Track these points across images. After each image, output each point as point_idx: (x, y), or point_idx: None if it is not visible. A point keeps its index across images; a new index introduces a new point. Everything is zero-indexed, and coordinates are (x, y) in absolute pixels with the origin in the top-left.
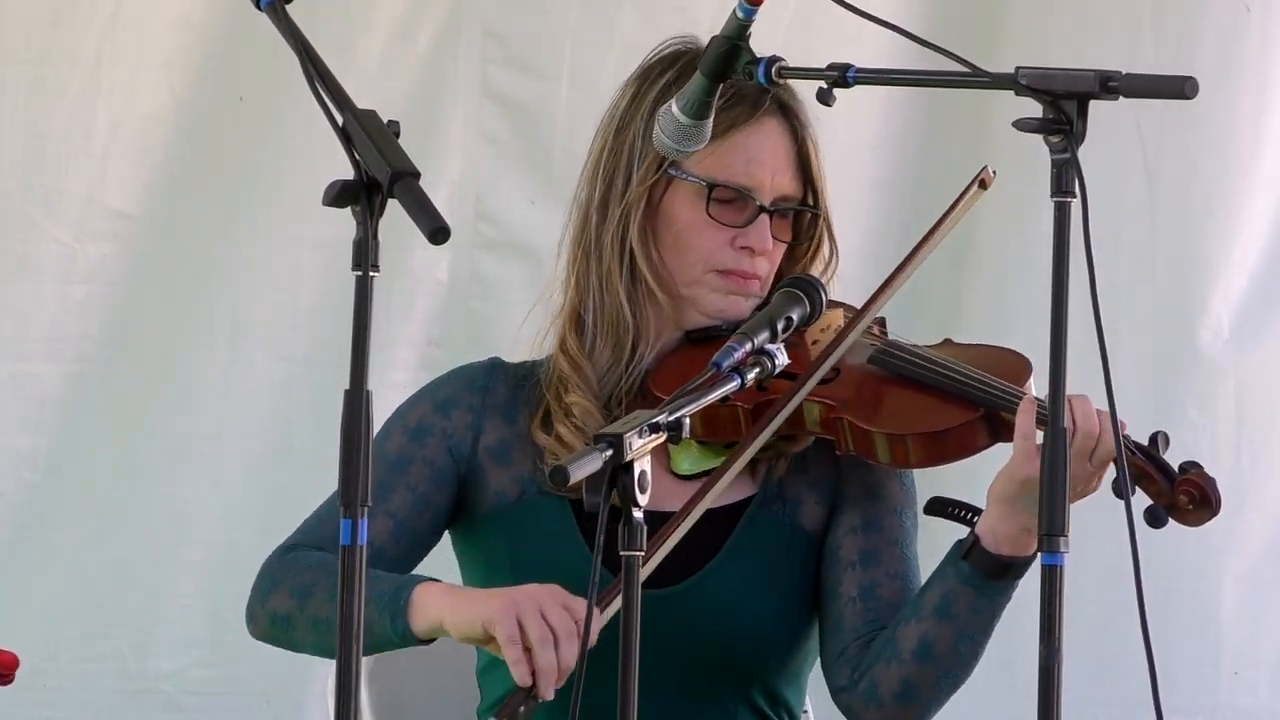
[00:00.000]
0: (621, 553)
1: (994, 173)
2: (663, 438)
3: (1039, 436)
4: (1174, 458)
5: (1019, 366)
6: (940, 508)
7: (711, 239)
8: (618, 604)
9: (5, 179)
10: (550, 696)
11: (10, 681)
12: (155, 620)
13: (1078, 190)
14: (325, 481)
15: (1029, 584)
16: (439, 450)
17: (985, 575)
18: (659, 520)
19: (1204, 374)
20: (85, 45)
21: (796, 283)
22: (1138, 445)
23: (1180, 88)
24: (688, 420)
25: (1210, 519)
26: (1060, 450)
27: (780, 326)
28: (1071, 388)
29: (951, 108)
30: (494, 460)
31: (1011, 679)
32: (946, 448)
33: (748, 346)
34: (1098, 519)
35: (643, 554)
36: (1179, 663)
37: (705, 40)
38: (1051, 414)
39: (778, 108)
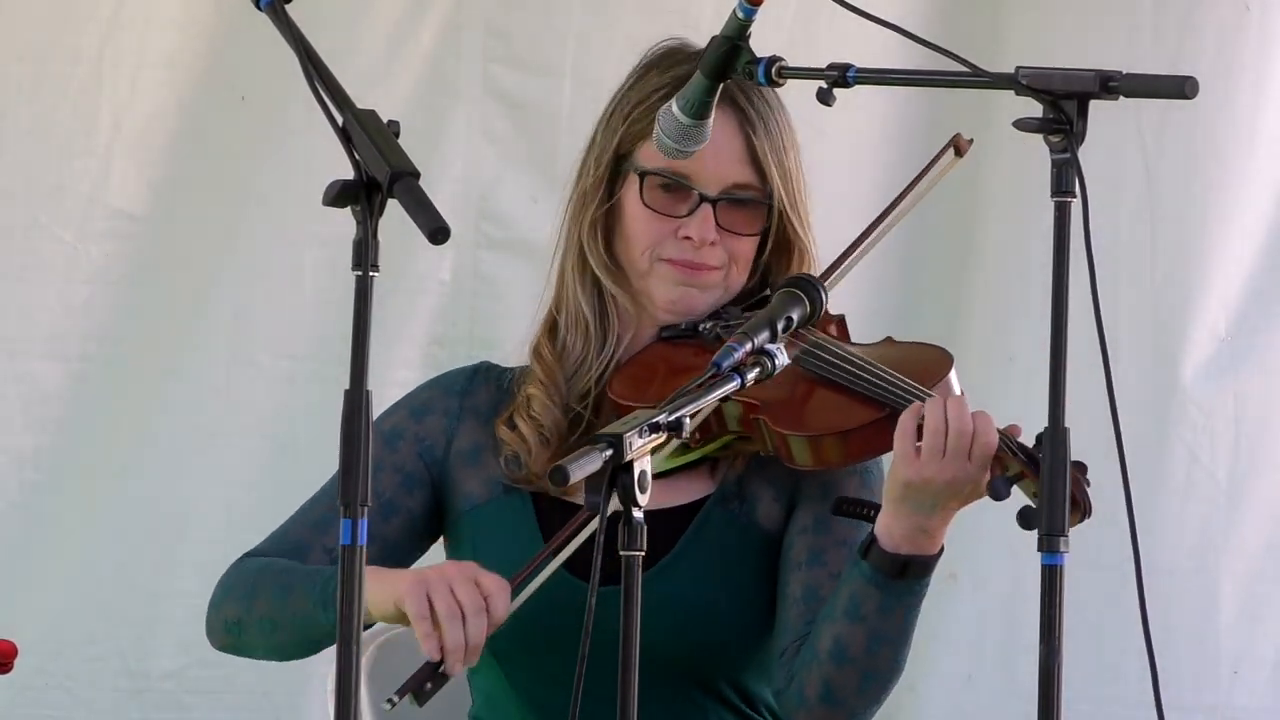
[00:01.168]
0: (621, 553)
1: (969, 140)
2: (663, 437)
3: (917, 436)
4: (1175, 454)
5: (936, 365)
6: (843, 507)
7: (655, 230)
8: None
9: (8, 178)
10: (457, 671)
11: (9, 669)
12: (157, 619)
13: (1078, 190)
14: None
15: (1030, 583)
16: (409, 455)
17: (885, 574)
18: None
19: (1203, 373)
20: (88, 44)
21: (796, 282)
22: (1020, 446)
23: (1180, 88)
24: (688, 420)
25: (1079, 522)
26: (1060, 449)
27: (780, 326)
28: (1071, 387)
29: (953, 109)
30: (465, 463)
31: (1013, 679)
32: (853, 448)
33: (748, 347)
34: (1098, 518)
35: (643, 553)
36: (1179, 662)
37: (693, 41)
38: (1051, 413)
39: (724, 98)
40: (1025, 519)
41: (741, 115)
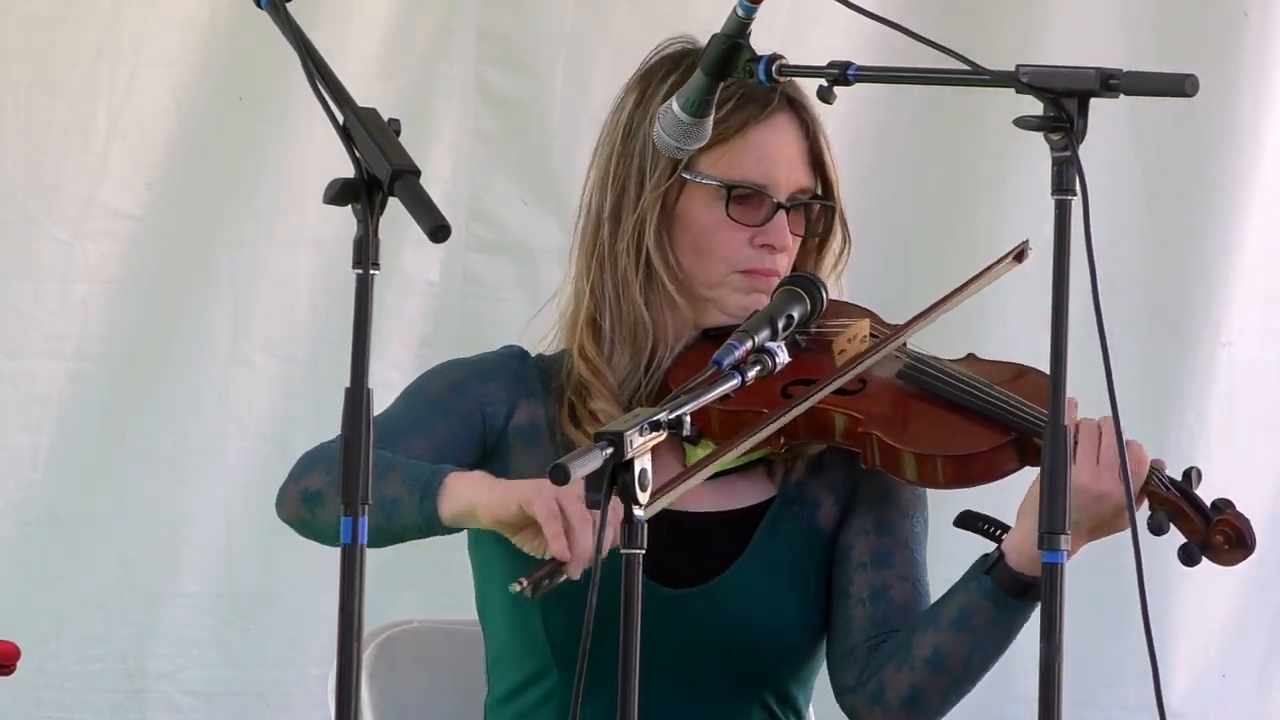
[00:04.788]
0: (622, 551)
1: (1031, 250)
2: (664, 435)
3: (1085, 445)
4: (1170, 458)
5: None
6: (970, 522)
7: (731, 239)
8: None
9: (5, 177)
10: (577, 575)
11: (11, 672)
12: (155, 620)
13: (1078, 188)
14: None
15: None
16: (474, 410)
17: (1006, 592)
18: (674, 519)
19: (1198, 375)
20: (85, 43)
21: (797, 280)
22: (1172, 481)
23: (1181, 85)
24: (688, 418)
25: (1245, 559)
26: (1061, 448)
27: (781, 324)
28: (1070, 387)
29: (936, 109)
30: (523, 441)
31: (1010, 682)
32: (974, 470)
33: (748, 344)
34: None
35: (643, 552)
36: (1169, 665)
37: (704, 39)
38: (1052, 412)
39: (787, 103)
40: (1188, 555)
41: (806, 117)
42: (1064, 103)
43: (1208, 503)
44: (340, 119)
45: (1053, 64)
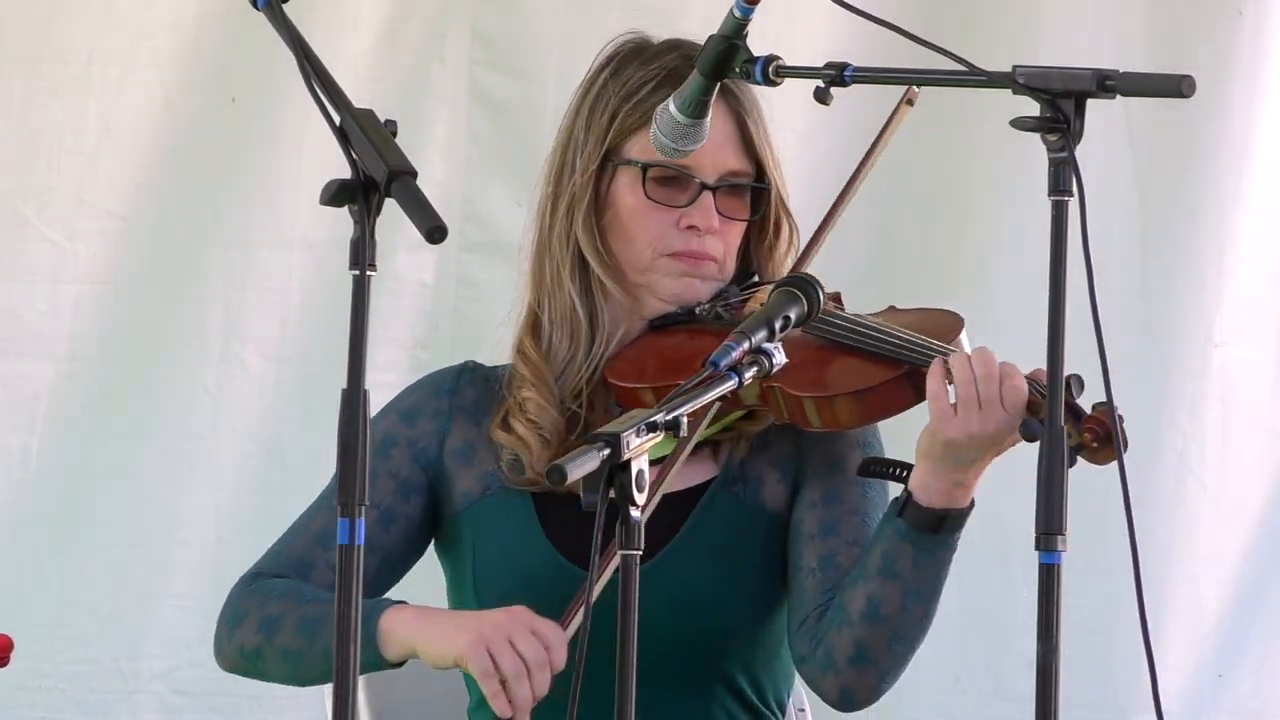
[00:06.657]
0: (620, 552)
1: (918, 90)
2: (660, 436)
3: (951, 394)
4: (1164, 459)
5: (949, 323)
6: (873, 468)
7: (656, 222)
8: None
9: None
10: None
11: (5, 663)
12: (147, 620)
13: (1075, 190)
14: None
15: (1019, 585)
16: (404, 461)
17: (920, 530)
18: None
19: (1190, 376)
20: (78, 45)
21: (794, 281)
22: (1043, 386)
23: (1177, 86)
24: (685, 419)
25: (1115, 458)
26: (1057, 449)
27: (778, 325)
28: None
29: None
30: (459, 462)
31: (1002, 683)
32: (872, 406)
33: (745, 345)
34: (1087, 520)
35: (640, 553)
36: (1163, 665)
37: (650, 36)
38: (1049, 413)
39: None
40: (1027, 429)
41: (735, 103)
42: (1061, 104)
43: (1087, 409)
44: (337, 120)
45: (1046, 64)
